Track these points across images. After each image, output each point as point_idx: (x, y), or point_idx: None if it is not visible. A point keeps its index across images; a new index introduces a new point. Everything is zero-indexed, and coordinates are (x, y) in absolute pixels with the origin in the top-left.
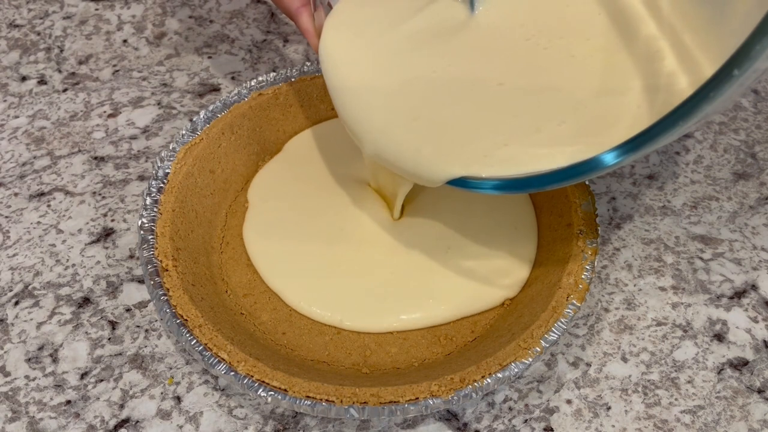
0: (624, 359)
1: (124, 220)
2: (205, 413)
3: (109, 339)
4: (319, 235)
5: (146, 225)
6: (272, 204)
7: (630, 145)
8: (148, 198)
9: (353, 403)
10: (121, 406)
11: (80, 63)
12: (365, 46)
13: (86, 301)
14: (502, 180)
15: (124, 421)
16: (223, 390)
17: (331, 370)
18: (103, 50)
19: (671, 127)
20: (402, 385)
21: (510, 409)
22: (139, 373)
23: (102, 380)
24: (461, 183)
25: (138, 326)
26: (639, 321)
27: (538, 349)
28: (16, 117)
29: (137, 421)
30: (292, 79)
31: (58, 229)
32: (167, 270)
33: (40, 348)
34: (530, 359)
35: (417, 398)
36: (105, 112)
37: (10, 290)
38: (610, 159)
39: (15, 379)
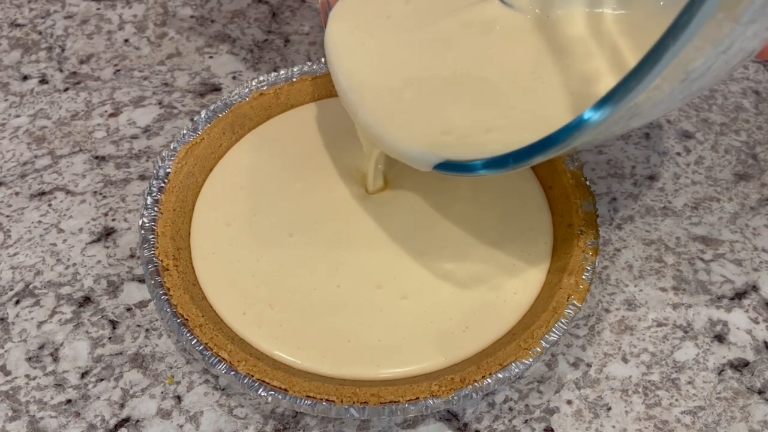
0: (624, 360)
1: (125, 220)
2: (205, 413)
3: (109, 338)
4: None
5: (147, 224)
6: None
7: (607, 99)
8: (149, 197)
9: (353, 402)
10: (122, 406)
11: (81, 62)
12: (372, 23)
13: (87, 300)
14: (488, 158)
15: (125, 421)
16: (223, 389)
17: None
18: (105, 50)
19: (647, 72)
20: (402, 384)
21: (510, 409)
22: (139, 372)
23: (102, 379)
24: (450, 167)
25: (138, 326)
26: (639, 322)
27: (539, 350)
28: (18, 116)
29: (137, 421)
30: (294, 79)
31: (58, 229)
32: (168, 269)
33: (41, 347)
34: (531, 359)
35: (417, 398)
36: (106, 111)
37: (11, 289)
38: (590, 116)
39: (15, 378)
